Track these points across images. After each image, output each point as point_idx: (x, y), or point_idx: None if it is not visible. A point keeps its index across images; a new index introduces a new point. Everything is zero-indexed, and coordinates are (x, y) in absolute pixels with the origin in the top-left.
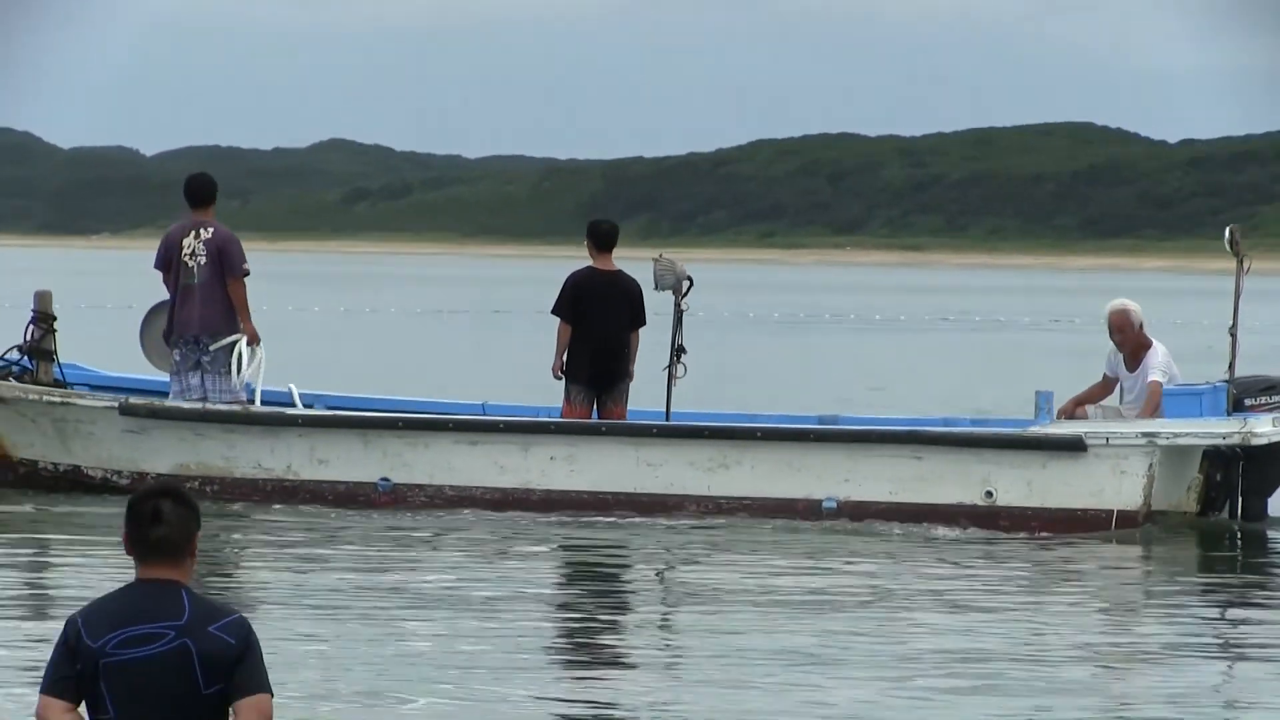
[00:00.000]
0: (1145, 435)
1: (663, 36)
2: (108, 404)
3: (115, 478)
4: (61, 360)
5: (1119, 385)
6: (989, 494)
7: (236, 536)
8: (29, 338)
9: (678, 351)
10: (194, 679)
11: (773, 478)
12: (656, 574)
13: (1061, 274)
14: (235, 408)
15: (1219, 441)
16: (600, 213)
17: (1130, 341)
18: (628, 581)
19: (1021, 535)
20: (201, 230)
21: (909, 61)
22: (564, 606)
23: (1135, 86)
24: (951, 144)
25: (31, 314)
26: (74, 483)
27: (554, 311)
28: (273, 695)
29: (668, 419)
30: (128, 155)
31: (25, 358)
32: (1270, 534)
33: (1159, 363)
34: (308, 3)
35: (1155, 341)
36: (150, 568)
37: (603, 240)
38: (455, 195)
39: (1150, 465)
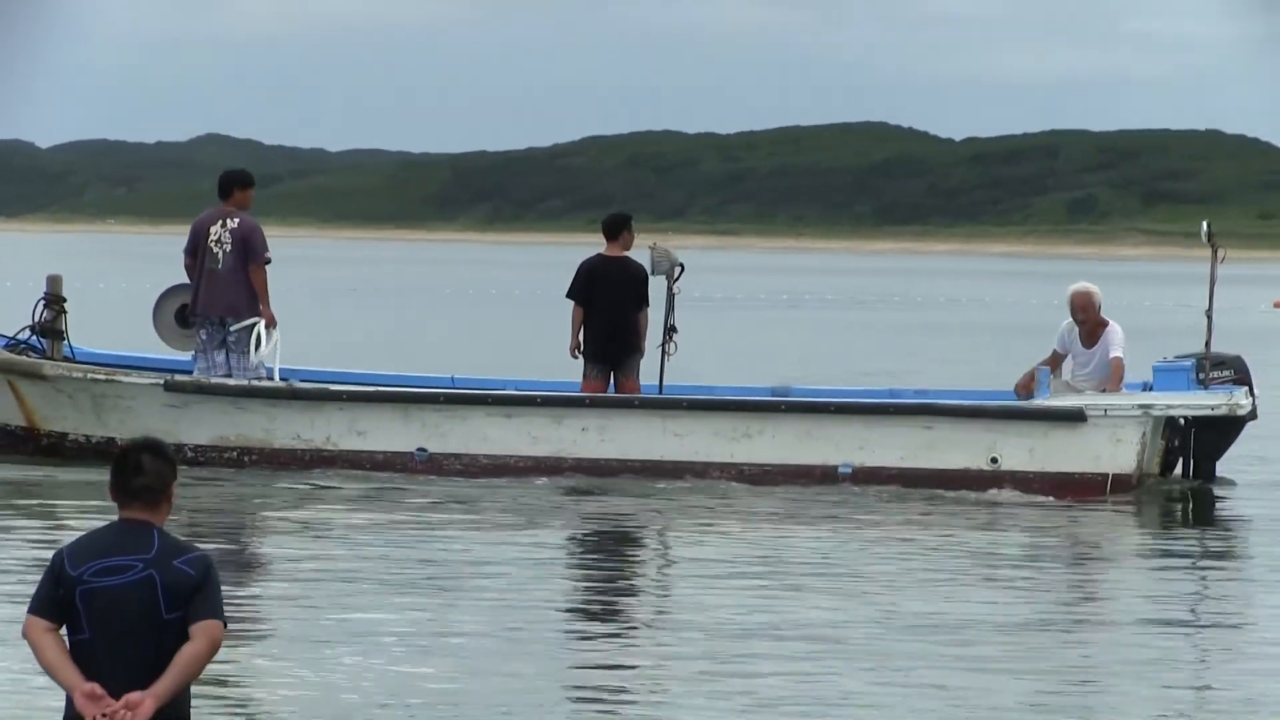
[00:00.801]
0: (1141, 407)
1: (505, 41)
2: (152, 381)
3: None
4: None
5: (1068, 359)
6: (994, 460)
7: (272, 500)
8: (40, 318)
9: (670, 330)
10: (157, 605)
11: (792, 446)
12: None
13: (859, 257)
14: (280, 384)
15: (1208, 412)
16: (448, 200)
17: (1091, 320)
18: (646, 544)
19: (1024, 497)
20: (228, 220)
21: (724, 66)
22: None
23: (924, 89)
24: (761, 140)
25: (43, 296)
26: (102, 453)
27: (569, 295)
28: (225, 625)
29: (660, 391)
30: (24, 147)
31: (35, 337)
32: (1222, 493)
33: (1120, 340)
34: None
35: (1112, 321)
36: (129, 510)
37: (608, 230)
38: (318, 185)
39: (1143, 434)
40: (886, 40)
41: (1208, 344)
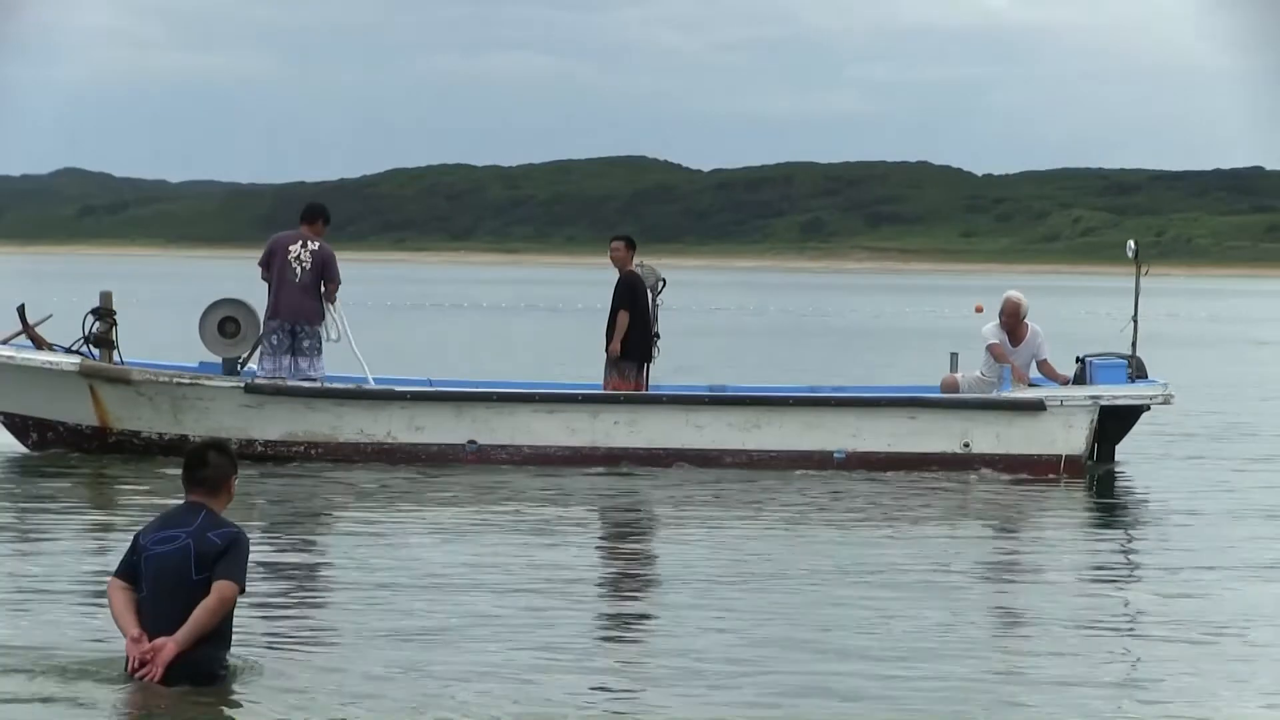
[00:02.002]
0: (1091, 398)
1: (319, 87)
2: (233, 384)
3: None
4: None
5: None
6: (966, 445)
7: (337, 487)
8: (92, 330)
9: (654, 337)
10: (188, 569)
11: (795, 435)
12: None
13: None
14: (350, 385)
15: (1145, 402)
16: (272, 223)
17: (1018, 323)
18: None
19: (991, 475)
20: (309, 242)
21: (508, 107)
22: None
23: (677, 126)
24: (539, 171)
25: (94, 309)
26: (171, 449)
27: (617, 305)
28: (243, 590)
29: (646, 389)
30: None
31: (87, 347)
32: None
33: (1044, 341)
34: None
35: (1032, 324)
36: (192, 494)
37: (633, 245)
38: (162, 211)
39: (1091, 421)
40: (646, 85)
41: (1134, 345)
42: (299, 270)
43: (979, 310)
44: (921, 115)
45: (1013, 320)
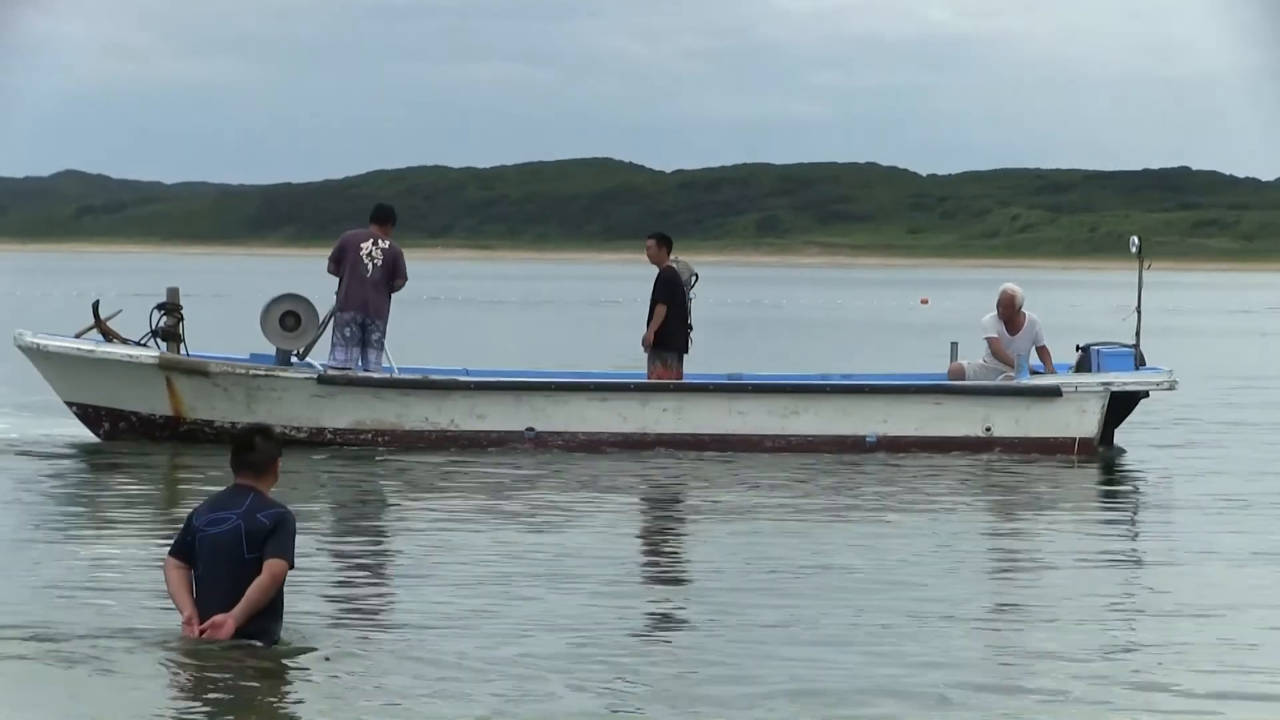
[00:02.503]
0: (1103, 384)
1: (305, 93)
2: (307, 376)
3: (294, 433)
4: None
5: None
6: (988, 429)
7: (402, 472)
8: (159, 324)
9: (688, 328)
10: (240, 548)
11: (830, 420)
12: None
13: (592, 266)
14: (417, 376)
15: (1152, 388)
16: (260, 223)
17: (1014, 314)
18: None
19: (1012, 457)
20: (380, 241)
21: (482, 112)
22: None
23: (642, 130)
24: (511, 173)
25: (161, 305)
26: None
27: (656, 298)
28: (291, 566)
29: (680, 379)
30: None
31: (155, 340)
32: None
33: (1043, 330)
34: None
35: (1029, 313)
36: (240, 477)
37: (669, 244)
38: (156, 210)
39: (1102, 406)
40: (611, 91)
41: (1137, 335)
42: (370, 267)
43: (924, 303)
44: (870, 120)
45: (1009, 311)
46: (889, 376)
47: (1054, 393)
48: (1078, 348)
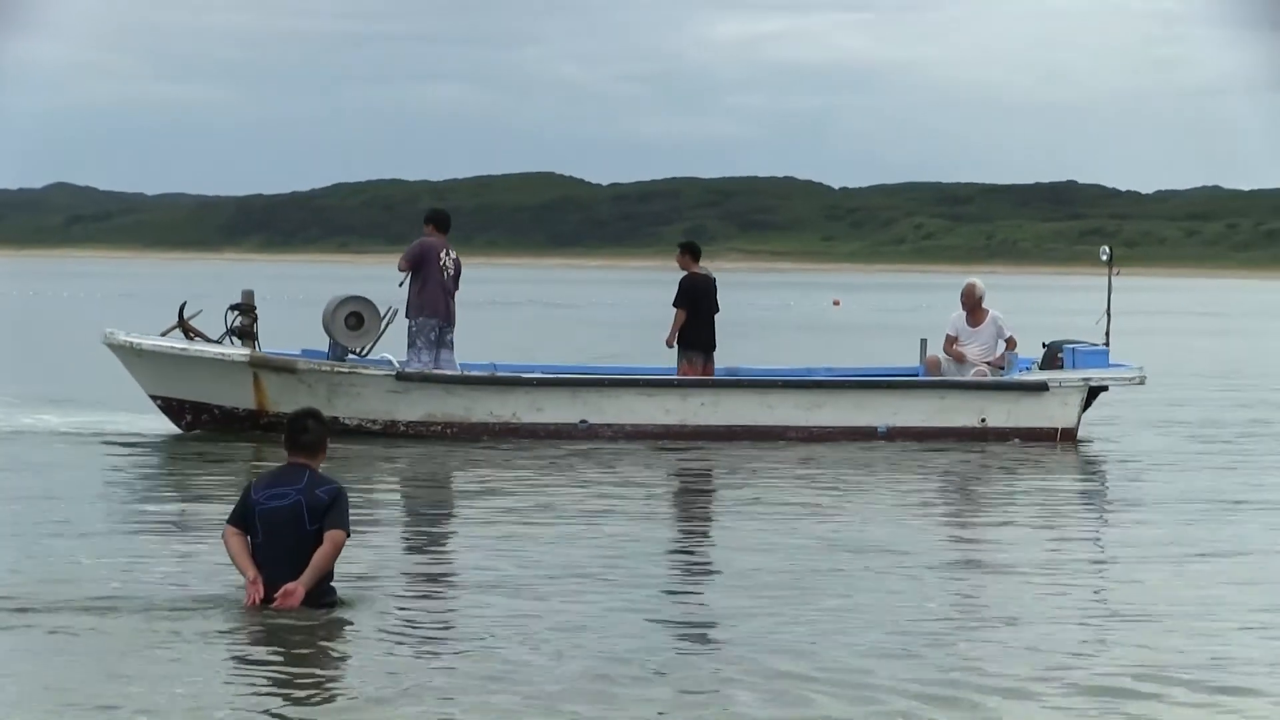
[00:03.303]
0: (1083, 379)
1: (273, 114)
2: (385, 372)
3: (370, 425)
4: None
5: (960, 337)
6: (983, 420)
7: (471, 459)
8: (235, 324)
9: (712, 329)
10: (302, 520)
11: (847, 413)
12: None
13: (536, 270)
14: (485, 373)
15: (1125, 383)
16: (234, 230)
17: (975, 307)
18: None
19: (1004, 444)
20: (449, 249)
21: (435, 129)
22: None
23: (581, 146)
24: (463, 185)
25: (235, 305)
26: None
27: (676, 304)
28: (349, 535)
29: (711, 375)
30: None
31: (231, 339)
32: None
33: (1005, 325)
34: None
35: (991, 309)
36: (294, 456)
37: (695, 253)
38: (140, 220)
39: (1082, 399)
40: (553, 112)
41: (1107, 335)
42: (445, 275)
43: (836, 304)
44: (787, 138)
45: (968, 303)
46: (880, 371)
47: (1041, 387)
48: (1044, 345)
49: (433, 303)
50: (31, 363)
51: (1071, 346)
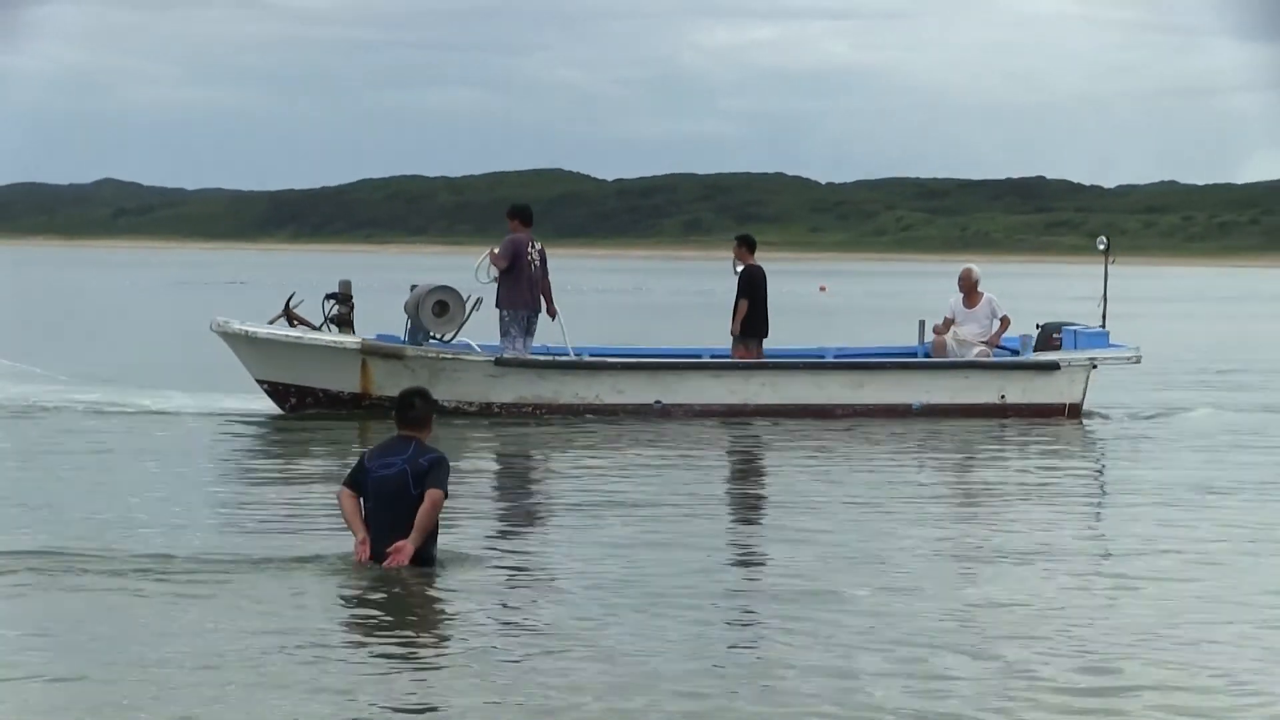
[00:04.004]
0: (1089, 359)
1: (303, 114)
2: (486, 358)
3: (466, 406)
4: None
5: (956, 319)
6: (1003, 397)
7: (561, 439)
8: (332, 313)
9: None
10: (407, 486)
11: (888, 391)
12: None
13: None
14: (573, 357)
15: (1125, 362)
16: (267, 222)
17: (971, 291)
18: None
19: (1021, 420)
20: (534, 242)
21: (452, 126)
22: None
23: (588, 145)
24: (479, 181)
25: (333, 294)
26: None
27: (740, 295)
28: (446, 495)
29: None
30: None
31: (327, 326)
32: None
33: (999, 306)
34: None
35: (986, 292)
36: (402, 429)
37: (751, 246)
38: (180, 213)
39: (1087, 377)
40: (561, 112)
41: (1104, 318)
42: (533, 268)
43: (823, 290)
44: (777, 137)
45: (964, 287)
46: (881, 352)
47: (1054, 367)
48: (1038, 326)
49: (524, 294)
50: (121, 347)
51: (1073, 329)
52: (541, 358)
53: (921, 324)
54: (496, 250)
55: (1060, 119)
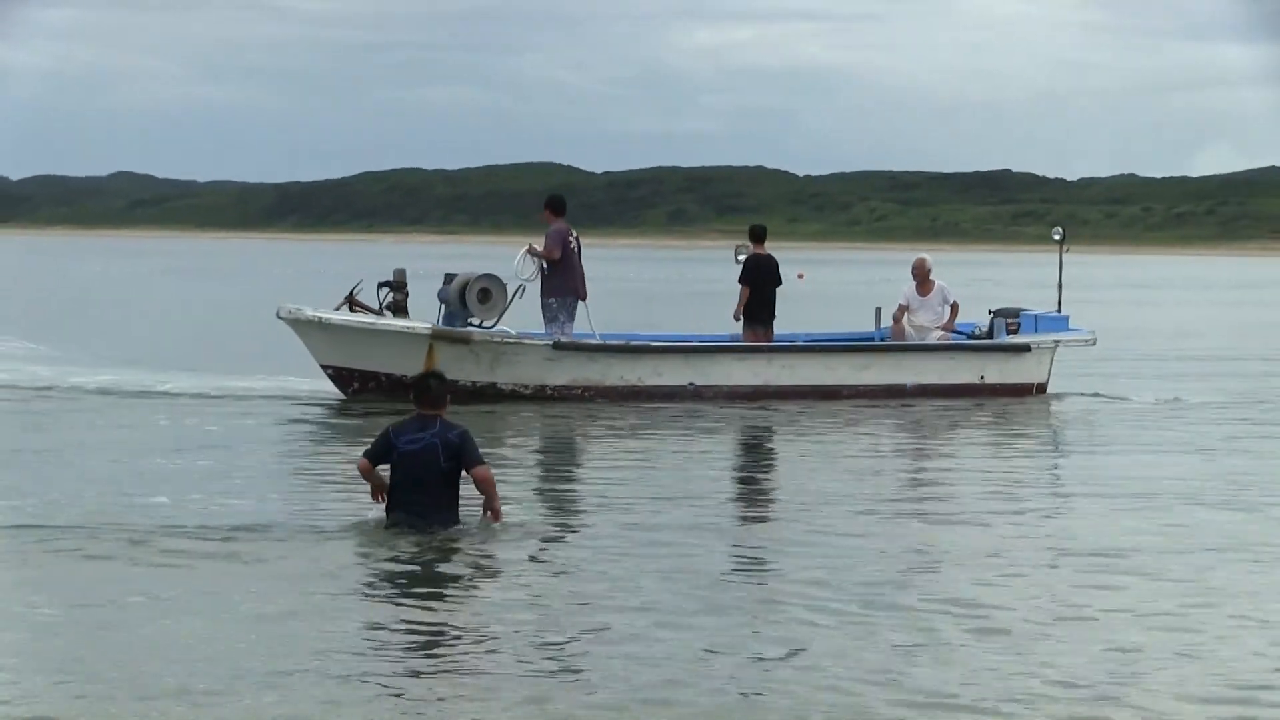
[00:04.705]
0: (1054, 340)
1: (307, 111)
2: (544, 342)
3: (522, 389)
4: None
5: (910, 305)
6: (982, 377)
7: (599, 418)
8: (388, 300)
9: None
10: (438, 458)
11: (887, 373)
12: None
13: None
14: (623, 343)
15: (1083, 344)
16: (273, 213)
17: (924, 279)
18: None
19: (997, 399)
20: (572, 230)
21: (448, 122)
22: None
23: (577, 139)
24: (474, 174)
25: (387, 282)
26: (476, 395)
27: (741, 280)
28: (487, 466)
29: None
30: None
31: (385, 312)
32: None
33: (950, 293)
34: (104, 88)
35: (938, 280)
36: (423, 408)
37: (759, 235)
38: (193, 204)
39: (1052, 358)
40: (551, 109)
41: (1059, 304)
42: (576, 255)
43: (800, 277)
44: (757, 132)
45: (918, 276)
46: (842, 337)
47: (1025, 349)
48: (990, 312)
49: (572, 281)
50: (175, 334)
51: (1033, 314)
52: (594, 342)
53: (878, 311)
54: (537, 245)
55: (1024, 115)
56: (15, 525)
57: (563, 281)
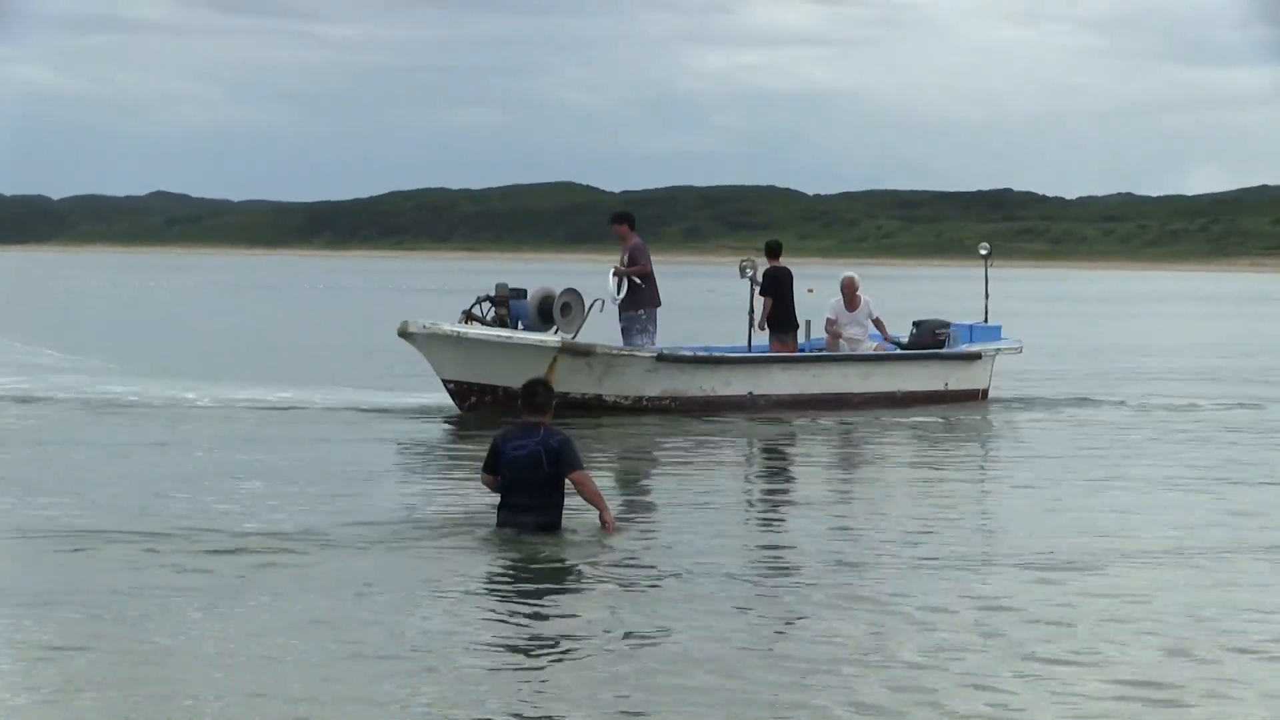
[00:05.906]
0: (995, 349)
1: (338, 130)
2: (650, 355)
3: (623, 401)
4: None
5: (839, 320)
6: (946, 384)
7: (687, 430)
8: (490, 315)
9: (753, 313)
10: (541, 463)
11: (884, 380)
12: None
13: (559, 264)
14: (709, 355)
15: (1013, 352)
16: (305, 231)
17: (852, 295)
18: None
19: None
20: (645, 246)
21: (473, 143)
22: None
23: (597, 159)
24: (498, 193)
25: (488, 296)
26: (581, 405)
27: (763, 293)
28: (585, 470)
29: (749, 349)
30: (43, 201)
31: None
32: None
33: (874, 307)
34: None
35: (864, 296)
36: (529, 415)
37: (774, 251)
38: (227, 222)
39: (992, 365)
40: (571, 130)
41: (986, 315)
42: (650, 269)
43: (810, 291)
44: (768, 152)
45: (848, 293)
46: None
47: (977, 357)
48: (914, 324)
49: (656, 294)
50: (267, 349)
51: (969, 325)
52: (691, 354)
53: (808, 324)
54: (623, 263)
55: (1026, 135)
56: (155, 532)
57: (652, 293)
